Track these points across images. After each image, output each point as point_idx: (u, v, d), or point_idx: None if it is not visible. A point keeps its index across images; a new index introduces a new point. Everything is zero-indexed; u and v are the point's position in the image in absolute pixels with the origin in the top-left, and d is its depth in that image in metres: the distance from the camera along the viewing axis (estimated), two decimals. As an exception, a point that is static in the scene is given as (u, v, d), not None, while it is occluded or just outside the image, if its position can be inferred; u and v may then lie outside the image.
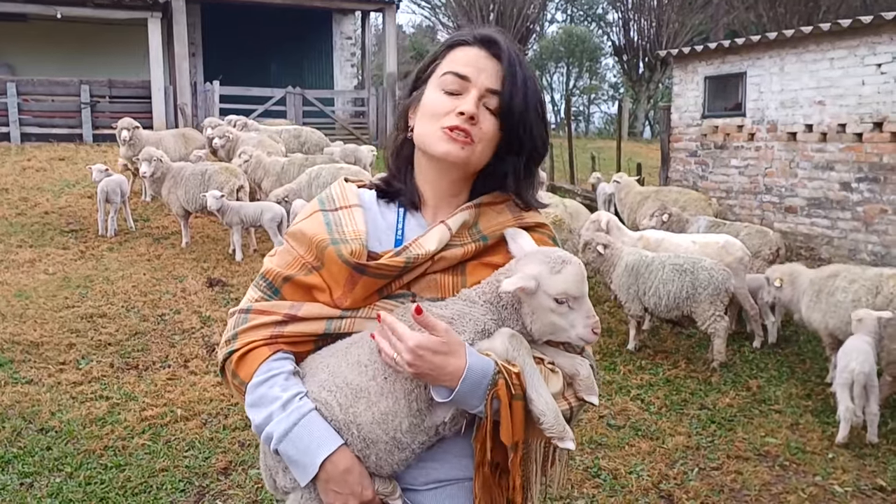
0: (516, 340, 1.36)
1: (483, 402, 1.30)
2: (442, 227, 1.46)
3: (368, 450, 1.35)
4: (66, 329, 5.86)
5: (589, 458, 4.07)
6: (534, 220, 1.55)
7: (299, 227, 1.49)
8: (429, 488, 1.44)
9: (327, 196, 1.55)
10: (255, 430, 1.41)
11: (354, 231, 1.45)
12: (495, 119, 1.43)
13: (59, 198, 10.61)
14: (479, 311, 1.37)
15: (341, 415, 1.35)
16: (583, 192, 11.93)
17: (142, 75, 16.26)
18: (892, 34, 7.75)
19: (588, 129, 35.00)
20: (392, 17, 18.18)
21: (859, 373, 4.21)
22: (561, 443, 1.34)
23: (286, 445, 1.34)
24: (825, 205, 8.69)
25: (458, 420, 1.37)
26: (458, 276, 1.46)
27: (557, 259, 1.38)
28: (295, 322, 1.42)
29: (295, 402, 1.36)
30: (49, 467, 3.78)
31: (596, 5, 35.64)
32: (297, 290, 1.45)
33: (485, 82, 1.42)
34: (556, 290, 1.35)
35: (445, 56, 1.47)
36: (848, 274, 5.01)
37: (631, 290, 5.63)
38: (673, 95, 11.31)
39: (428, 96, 1.46)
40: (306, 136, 11.90)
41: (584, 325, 1.38)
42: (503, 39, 1.45)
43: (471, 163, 1.46)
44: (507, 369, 1.31)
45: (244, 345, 1.43)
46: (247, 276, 7.40)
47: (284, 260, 1.49)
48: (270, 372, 1.39)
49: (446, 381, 1.30)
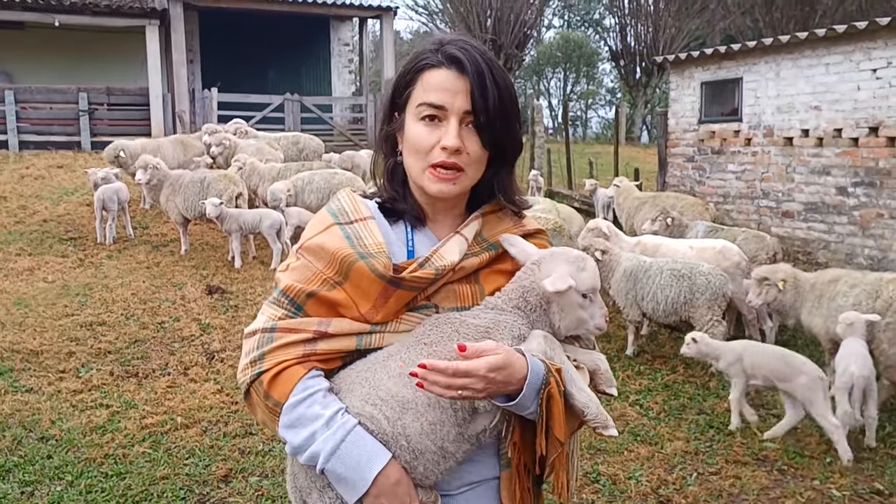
0: (550, 340, 1.42)
1: (536, 402, 1.33)
2: (460, 238, 1.48)
3: (416, 461, 1.36)
4: (66, 337, 5.88)
5: (588, 463, 4.08)
6: (533, 227, 1.60)
7: (317, 242, 1.45)
8: (461, 491, 1.46)
9: (339, 209, 1.52)
10: (293, 452, 1.37)
11: (376, 244, 1.44)
12: (479, 136, 1.43)
13: (57, 206, 10.62)
14: (510, 318, 1.41)
15: (389, 427, 1.35)
16: (580, 198, 11.96)
17: (140, 83, 16.29)
18: (887, 39, 7.80)
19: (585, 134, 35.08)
20: (390, 24, 18.24)
21: (858, 376, 4.23)
22: (605, 431, 1.40)
23: (335, 463, 1.32)
24: (822, 209, 8.72)
25: (497, 426, 1.40)
26: (474, 284, 1.49)
27: (579, 257, 1.47)
28: (326, 339, 1.40)
29: (338, 419, 1.34)
30: (49, 476, 3.79)
31: (593, 11, 35.80)
32: (322, 306, 1.42)
33: (461, 106, 1.41)
34: (586, 286, 1.44)
35: (416, 82, 1.45)
36: (849, 279, 5.03)
37: (629, 296, 5.65)
38: (670, 101, 11.35)
39: (409, 128, 1.46)
40: (304, 143, 11.93)
41: (599, 315, 1.47)
42: (466, 52, 1.42)
43: (466, 189, 1.50)
44: (553, 367, 1.36)
45: (275, 364, 1.38)
46: (246, 284, 7.42)
47: (304, 275, 1.45)
48: (308, 391, 1.36)
49: (511, 391, 1.32)
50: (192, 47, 18.13)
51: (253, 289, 7.27)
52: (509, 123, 1.47)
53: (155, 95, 15.75)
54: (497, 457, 1.46)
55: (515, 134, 1.51)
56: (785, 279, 5.25)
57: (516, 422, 1.39)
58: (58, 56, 16.87)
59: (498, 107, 1.43)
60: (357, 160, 10.67)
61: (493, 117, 1.43)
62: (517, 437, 1.39)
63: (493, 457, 1.46)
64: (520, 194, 1.60)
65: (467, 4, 25.22)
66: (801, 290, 5.26)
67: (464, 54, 1.43)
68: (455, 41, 1.46)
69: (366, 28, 19.50)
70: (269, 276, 7.70)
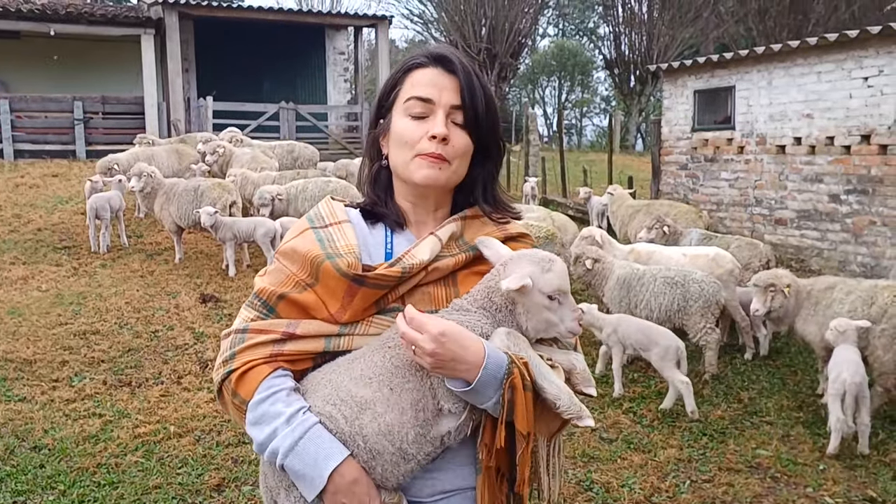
0: (514, 336, 1.41)
1: (498, 393, 1.33)
2: (433, 238, 1.50)
3: (374, 461, 1.37)
4: (59, 346, 5.86)
5: (581, 471, 4.08)
6: (516, 231, 1.60)
7: (291, 246, 1.50)
8: (434, 499, 1.46)
9: (316, 214, 1.57)
10: (258, 449, 1.40)
11: (347, 245, 1.47)
12: (465, 132, 1.48)
13: (52, 214, 10.60)
14: (475, 318, 1.41)
15: (347, 427, 1.37)
16: (575, 206, 11.99)
17: (135, 91, 16.31)
18: (878, 48, 7.86)
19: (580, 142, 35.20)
20: (385, 33, 18.30)
21: (851, 383, 4.24)
22: (580, 421, 1.38)
23: (293, 459, 1.34)
24: (814, 217, 8.76)
25: (463, 429, 1.40)
26: (449, 287, 1.50)
27: (545, 258, 1.44)
28: (294, 340, 1.43)
29: (299, 417, 1.36)
30: (42, 485, 3.78)
31: (587, 19, 35.96)
32: (293, 308, 1.46)
33: (448, 100, 1.47)
34: (551, 288, 1.41)
35: (404, 81, 1.51)
36: (844, 286, 5.05)
37: (623, 303, 5.66)
38: (663, 109, 11.41)
39: (397, 124, 1.50)
40: (299, 151, 11.94)
41: (571, 318, 1.44)
42: (455, 55, 1.50)
43: (451, 181, 1.51)
44: (518, 359, 1.36)
45: (243, 364, 1.42)
46: (240, 292, 7.41)
47: (277, 279, 1.49)
48: (271, 389, 1.39)
49: (464, 373, 1.32)
50: (188, 56, 18.16)
51: (247, 297, 7.25)
52: (494, 125, 1.53)
53: (150, 104, 15.76)
54: (474, 465, 1.45)
55: (498, 137, 1.56)
56: (790, 284, 5.20)
57: (488, 422, 1.39)
58: (53, 65, 16.88)
59: (484, 106, 1.49)
60: (352, 168, 10.69)
61: (479, 114, 1.48)
62: (488, 437, 1.39)
63: (469, 466, 1.46)
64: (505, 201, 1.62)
65: (462, 13, 25.33)
66: (799, 296, 5.28)
67: (451, 55, 1.51)
68: (442, 47, 1.54)
69: (361, 37, 19.56)
70: (263, 285, 7.69)
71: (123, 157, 10.16)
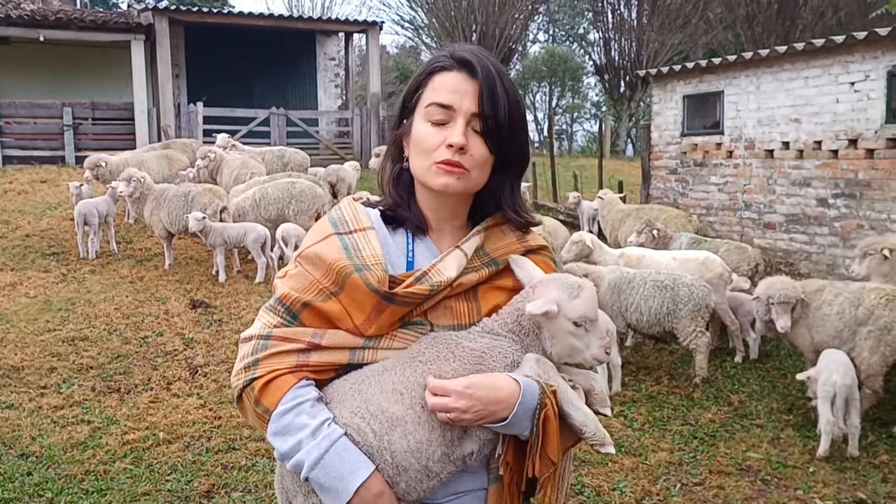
0: (543, 362, 1.42)
1: (531, 423, 1.35)
2: (459, 254, 1.47)
3: (399, 477, 1.37)
4: (48, 353, 5.82)
5: (572, 475, 4.07)
6: (537, 244, 1.59)
7: (315, 251, 1.46)
8: (447, 500, 1.46)
9: (339, 218, 1.52)
10: (281, 458, 1.39)
11: (373, 255, 1.44)
12: (484, 141, 1.45)
13: (40, 220, 10.54)
14: (505, 344, 1.42)
15: (375, 441, 1.36)
16: (565, 210, 12.02)
17: (125, 97, 16.24)
18: (864, 53, 7.93)
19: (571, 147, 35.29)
20: (375, 38, 18.31)
21: (841, 385, 4.26)
22: (602, 448, 1.43)
23: (318, 473, 1.33)
24: (803, 221, 8.81)
25: (484, 450, 1.41)
26: (471, 301, 1.49)
27: (574, 284, 1.45)
28: (319, 351, 1.41)
29: (324, 429, 1.35)
30: (29, 493, 3.74)
31: (577, 25, 36.12)
32: (317, 316, 1.43)
33: (468, 107, 1.43)
34: (577, 314, 1.41)
35: (427, 84, 1.48)
36: (832, 288, 5.09)
37: (614, 307, 5.67)
38: (653, 114, 11.46)
39: (417, 128, 1.48)
40: (290, 157, 11.91)
41: (598, 346, 1.45)
42: (478, 58, 1.46)
43: (469, 189, 1.49)
44: (548, 388, 1.37)
45: (268, 372, 1.40)
46: (230, 298, 7.38)
47: (301, 284, 1.45)
48: (296, 399, 1.38)
49: (502, 412, 1.33)
50: (178, 62, 18.11)
51: (237, 303, 7.23)
52: (516, 132, 1.48)
53: (140, 110, 15.70)
54: (486, 468, 1.46)
55: (522, 144, 1.51)
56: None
57: (511, 441, 1.40)
58: (42, 71, 16.80)
59: (506, 113, 1.45)
60: (342, 174, 10.67)
61: (500, 122, 1.44)
62: (510, 456, 1.40)
63: (482, 468, 1.47)
64: (526, 210, 1.59)
65: (453, 19, 25.38)
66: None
67: (475, 59, 1.46)
68: (468, 48, 1.49)
69: (352, 43, 19.57)
70: (253, 291, 7.66)
71: (113, 161, 10.10)
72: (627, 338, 6.10)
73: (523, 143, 1.52)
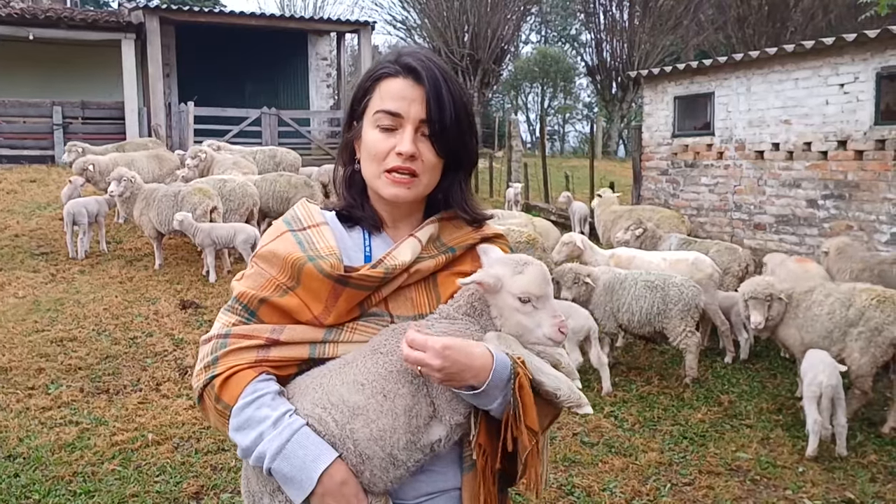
0: (504, 338, 1.42)
1: (503, 394, 1.34)
2: (412, 240, 1.49)
3: (363, 465, 1.36)
4: (36, 353, 5.78)
5: (563, 475, 4.08)
6: (492, 232, 1.61)
7: (269, 249, 1.48)
8: (418, 501, 1.45)
9: (293, 217, 1.55)
10: (243, 454, 1.38)
11: (328, 247, 1.46)
12: (433, 145, 1.46)
13: (29, 220, 10.47)
14: (462, 326, 1.42)
15: (337, 430, 1.35)
16: (557, 211, 12.04)
17: (115, 96, 16.18)
18: (853, 55, 7.97)
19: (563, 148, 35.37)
20: (367, 38, 18.30)
21: (827, 385, 4.28)
22: (580, 409, 1.40)
23: (280, 463, 1.32)
24: (793, 221, 8.85)
25: (452, 436, 1.40)
26: (430, 289, 1.50)
27: (519, 261, 1.45)
28: (278, 346, 1.41)
29: (286, 420, 1.35)
30: (17, 495, 3.71)
31: (569, 27, 36.19)
32: (275, 312, 1.44)
33: (417, 114, 1.44)
34: (519, 290, 1.41)
35: (374, 90, 1.49)
36: (823, 289, 5.10)
37: (606, 308, 5.67)
38: (644, 115, 11.49)
39: (367, 135, 1.49)
40: (281, 157, 11.89)
41: (550, 325, 1.43)
42: (423, 63, 1.46)
43: (420, 196, 1.51)
44: (517, 359, 1.37)
45: (227, 369, 1.40)
46: (220, 298, 7.35)
47: (257, 282, 1.47)
48: (256, 393, 1.37)
49: (473, 379, 1.32)
50: (169, 61, 18.04)
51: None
52: (463, 134, 1.50)
53: (130, 109, 15.64)
54: (459, 466, 1.46)
55: (470, 145, 1.53)
56: (786, 290, 5.13)
57: (483, 422, 1.39)
58: (32, 70, 16.70)
59: (453, 117, 1.46)
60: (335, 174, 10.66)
61: (447, 126, 1.45)
62: (483, 438, 1.39)
63: (454, 466, 1.46)
64: (477, 206, 1.61)
65: (445, 20, 25.40)
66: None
67: (420, 65, 1.46)
68: (413, 53, 1.50)
69: (344, 43, 19.55)
70: (244, 291, 7.63)
71: (102, 162, 10.05)
72: (618, 338, 6.11)
73: (471, 144, 1.53)
